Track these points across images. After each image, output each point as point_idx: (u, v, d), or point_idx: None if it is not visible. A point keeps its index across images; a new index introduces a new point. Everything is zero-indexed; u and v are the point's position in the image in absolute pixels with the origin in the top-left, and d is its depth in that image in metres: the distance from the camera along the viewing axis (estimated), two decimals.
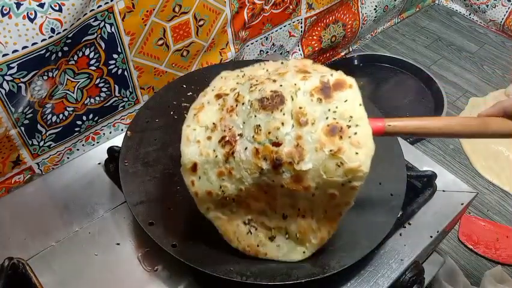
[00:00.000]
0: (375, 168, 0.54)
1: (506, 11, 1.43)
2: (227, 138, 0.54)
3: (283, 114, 0.53)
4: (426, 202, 0.71)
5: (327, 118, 0.53)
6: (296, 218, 0.57)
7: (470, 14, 1.54)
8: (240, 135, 0.54)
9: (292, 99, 0.54)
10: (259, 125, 0.54)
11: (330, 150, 0.51)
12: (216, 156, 0.55)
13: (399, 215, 0.66)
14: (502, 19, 1.45)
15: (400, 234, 0.67)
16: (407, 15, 1.53)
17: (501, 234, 1.15)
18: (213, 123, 0.56)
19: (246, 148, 0.54)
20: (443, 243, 1.12)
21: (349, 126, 0.52)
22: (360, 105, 0.54)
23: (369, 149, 0.52)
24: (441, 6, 1.59)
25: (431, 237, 0.67)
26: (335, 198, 0.54)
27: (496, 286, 0.98)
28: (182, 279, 0.61)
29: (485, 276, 0.99)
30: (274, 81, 0.56)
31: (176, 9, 0.84)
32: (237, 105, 0.56)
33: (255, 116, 0.54)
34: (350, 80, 0.56)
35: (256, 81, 0.58)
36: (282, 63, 0.64)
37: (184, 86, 0.83)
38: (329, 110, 0.53)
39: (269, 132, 0.53)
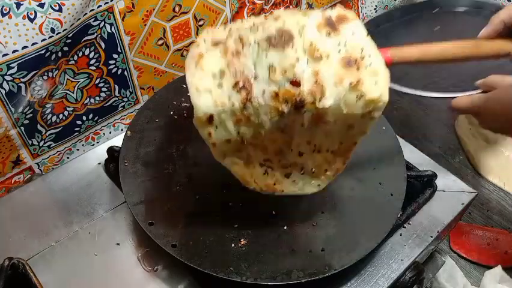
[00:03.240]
0: (375, 168, 0.54)
1: None
2: (241, 83, 0.51)
3: (295, 50, 0.50)
4: (426, 202, 0.71)
5: (339, 51, 0.51)
6: (312, 154, 0.56)
7: None
8: (254, 77, 0.51)
9: (301, 36, 0.51)
10: (272, 64, 0.50)
11: (350, 83, 0.49)
12: (233, 105, 0.51)
13: (399, 215, 0.66)
14: None
15: (400, 234, 0.67)
16: None
17: (492, 238, 1.15)
18: (220, 70, 0.52)
19: (263, 92, 0.50)
20: (443, 243, 1.12)
21: (363, 58, 0.51)
22: (367, 36, 0.53)
23: (386, 78, 0.51)
24: None
25: (431, 237, 0.67)
26: (352, 129, 0.54)
27: (496, 286, 0.98)
28: (182, 279, 0.61)
29: (485, 276, 0.99)
30: (276, 18, 0.53)
31: (176, 9, 0.84)
32: (243, 47, 0.52)
33: (266, 56, 0.50)
34: (351, 14, 0.54)
35: (254, 24, 0.54)
36: (265, 16, 0.58)
37: (184, 86, 0.83)
38: (339, 43, 0.51)
39: (285, 71, 0.49)
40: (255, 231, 0.62)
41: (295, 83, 0.50)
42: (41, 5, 0.63)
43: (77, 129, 0.83)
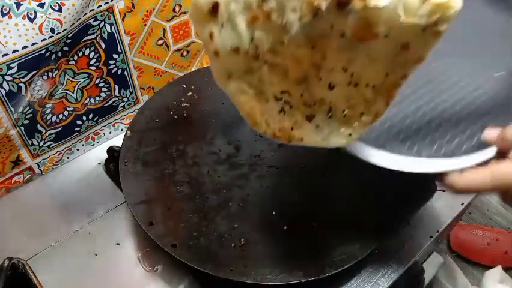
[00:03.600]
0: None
1: None
2: None
3: None
4: (426, 202, 0.71)
5: None
6: (346, 88, 0.42)
7: None
8: None
9: None
10: None
11: None
12: None
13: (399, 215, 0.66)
14: None
15: (400, 234, 0.67)
16: None
17: (492, 238, 1.15)
18: None
19: None
20: (443, 243, 1.12)
21: None
22: None
23: None
24: None
25: (431, 237, 0.67)
26: (407, 51, 0.39)
27: (496, 286, 0.98)
28: (182, 279, 0.61)
29: (485, 276, 1.00)
30: None
31: (176, 9, 0.84)
32: None
33: None
34: None
35: None
36: None
37: (184, 86, 0.84)
38: None
39: None
40: (255, 231, 0.62)
41: None
42: (41, 5, 0.63)
43: (77, 129, 0.83)
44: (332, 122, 0.45)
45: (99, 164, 0.77)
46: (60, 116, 0.79)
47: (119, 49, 0.79)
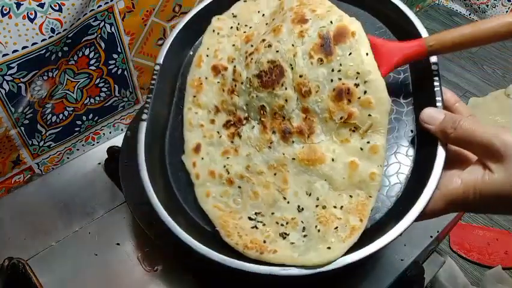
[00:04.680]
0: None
1: (506, 11, 1.43)
2: (232, 122, 0.53)
3: (285, 88, 0.49)
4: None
5: (331, 80, 0.48)
6: (315, 209, 0.47)
7: (470, 14, 1.54)
8: (246, 119, 0.53)
9: (292, 68, 0.49)
10: (263, 106, 0.51)
11: (341, 118, 0.47)
12: (221, 137, 0.53)
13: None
14: None
15: (400, 235, 0.67)
16: None
17: (491, 238, 1.15)
18: (215, 106, 0.55)
19: (253, 127, 0.52)
20: (443, 243, 1.12)
21: (357, 85, 0.47)
22: (367, 54, 0.48)
23: (384, 105, 0.47)
24: (441, 6, 1.58)
25: (431, 237, 0.67)
26: (356, 170, 0.47)
27: (496, 286, 0.98)
28: (182, 279, 0.61)
29: (485, 276, 1.00)
30: (269, 46, 0.51)
31: (176, 9, 0.84)
32: (236, 85, 0.53)
33: (256, 96, 0.51)
34: (353, 26, 0.49)
35: (252, 46, 0.53)
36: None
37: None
38: (333, 70, 0.48)
39: (275, 113, 0.50)
40: None
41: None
42: (41, 5, 0.63)
43: (77, 129, 0.83)
44: (308, 239, 0.46)
45: (99, 164, 0.77)
46: (60, 116, 0.79)
47: (119, 49, 0.79)
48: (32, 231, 0.67)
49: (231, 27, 0.59)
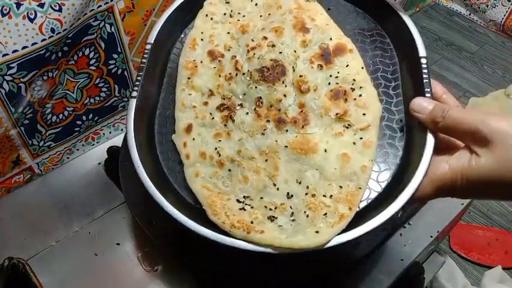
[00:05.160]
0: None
1: (506, 11, 1.43)
2: (226, 106, 0.53)
3: (285, 85, 0.52)
4: (427, 202, 0.71)
5: (329, 84, 0.52)
6: (305, 197, 0.48)
7: (470, 14, 1.54)
8: (241, 105, 0.53)
9: (294, 70, 0.53)
10: (260, 97, 0.52)
11: (336, 114, 0.50)
12: (213, 119, 0.53)
13: (399, 215, 0.66)
14: (502, 19, 1.45)
15: (400, 234, 0.67)
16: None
17: (492, 238, 1.15)
18: (210, 90, 0.55)
19: (247, 113, 0.52)
20: (443, 243, 1.12)
21: (353, 89, 0.51)
22: (362, 68, 0.53)
23: (377, 109, 0.51)
24: (441, 6, 1.59)
25: (431, 237, 0.67)
26: (348, 162, 0.48)
27: (496, 286, 0.98)
28: (182, 279, 0.61)
29: (485, 276, 1.00)
30: (273, 46, 0.54)
31: None
32: (236, 74, 0.54)
33: (256, 88, 0.52)
34: (350, 44, 0.55)
35: (253, 40, 0.55)
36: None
37: None
38: (331, 75, 0.52)
39: (271, 105, 0.51)
40: None
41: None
42: (41, 5, 0.62)
43: (77, 129, 0.83)
44: (296, 223, 0.47)
45: (99, 164, 0.77)
46: (60, 116, 0.79)
47: (119, 49, 0.79)
48: (32, 231, 0.67)
49: (224, 14, 0.60)
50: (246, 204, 0.48)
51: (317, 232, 0.44)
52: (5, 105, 0.68)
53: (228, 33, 0.58)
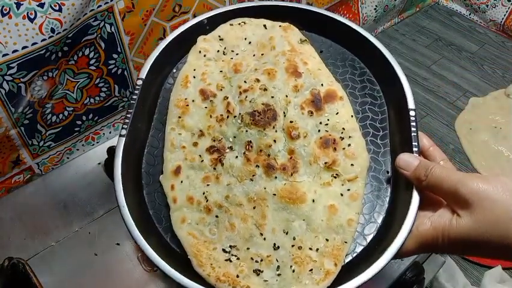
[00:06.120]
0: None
1: (506, 11, 1.43)
2: (216, 148, 0.53)
3: (276, 131, 0.52)
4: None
5: (319, 131, 0.53)
6: (291, 249, 0.48)
7: (470, 14, 1.54)
8: (230, 148, 0.53)
9: (285, 115, 0.53)
10: (250, 141, 0.52)
11: (325, 163, 0.51)
12: (202, 161, 0.52)
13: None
14: (502, 19, 1.45)
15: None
16: (407, 15, 1.53)
17: None
18: (200, 130, 0.54)
19: (236, 157, 0.52)
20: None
21: (342, 138, 0.52)
22: (352, 116, 0.54)
23: (365, 160, 0.52)
24: (441, 6, 1.58)
25: None
26: (335, 214, 0.49)
27: (496, 286, 0.98)
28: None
29: (485, 276, 0.99)
30: (265, 89, 0.54)
31: (176, 9, 0.84)
32: (228, 117, 0.54)
33: (246, 131, 0.52)
34: (341, 91, 0.55)
35: (245, 82, 0.55)
36: (264, 26, 0.61)
37: None
38: (321, 122, 0.53)
39: (261, 150, 0.51)
40: None
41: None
42: (41, 5, 0.63)
43: (77, 129, 0.83)
44: (282, 279, 0.46)
45: (99, 164, 0.77)
46: (60, 116, 0.79)
47: (119, 49, 0.79)
48: (32, 231, 0.67)
49: (218, 51, 0.60)
50: (232, 255, 0.48)
51: None
52: (5, 105, 0.68)
53: (221, 71, 0.58)
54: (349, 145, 0.52)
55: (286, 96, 0.54)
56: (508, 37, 1.47)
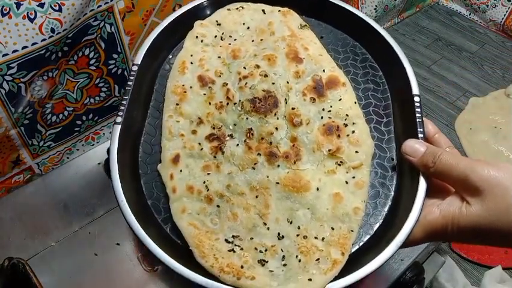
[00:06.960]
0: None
1: (506, 11, 1.43)
2: (216, 136, 0.51)
3: (277, 118, 0.51)
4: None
5: (322, 118, 0.51)
6: (296, 238, 0.46)
7: (470, 14, 1.54)
8: (231, 135, 0.51)
9: (286, 102, 0.52)
10: (251, 129, 0.50)
11: (329, 150, 0.49)
12: (202, 149, 0.50)
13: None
14: (502, 19, 1.45)
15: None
16: (407, 15, 1.53)
17: None
18: (199, 118, 0.52)
19: (237, 145, 0.50)
20: (443, 243, 1.12)
21: (346, 125, 0.51)
22: (355, 103, 0.53)
23: (369, 147, 0.51)
24: (441, 6, 1.58)
25: None
26: (340, 202, 0.47)
27: (496, 286, 0.98)
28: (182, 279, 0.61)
29: (485, 276, 1.00)
30: (266, 76, 0.52)
31: (176, 8, 0.84)
32: (227, 104, 0.52)
33: (247, 118, 0.51)
34: (343, 77, 0.54)
35: (245, 68, 0.53)
36: (263, 11, 0.59)
37: None
38: (323, 109, 0.52)
39: (262, 138, 0.50)
40: None
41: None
42: (41, 5, 0.62)
43: (77, 129, 0.83)
44: (288, 269, 0.45)
45: (99, 164, 0.77)
46: (60, 116, 0.79)
47: (119, 49, 0.79)
48: (32, 231, 0.67)
49: (215, 36, 0.58)
50: (236, 245, 0.46)
51: (310, 280, 0.43)
52: (5, 105, 0.68)
53: (219, 57, 0.56)
54: (353, 132, 0.50)
55: (288, 82, 0.52)
56: (508, 37, 1.47)
